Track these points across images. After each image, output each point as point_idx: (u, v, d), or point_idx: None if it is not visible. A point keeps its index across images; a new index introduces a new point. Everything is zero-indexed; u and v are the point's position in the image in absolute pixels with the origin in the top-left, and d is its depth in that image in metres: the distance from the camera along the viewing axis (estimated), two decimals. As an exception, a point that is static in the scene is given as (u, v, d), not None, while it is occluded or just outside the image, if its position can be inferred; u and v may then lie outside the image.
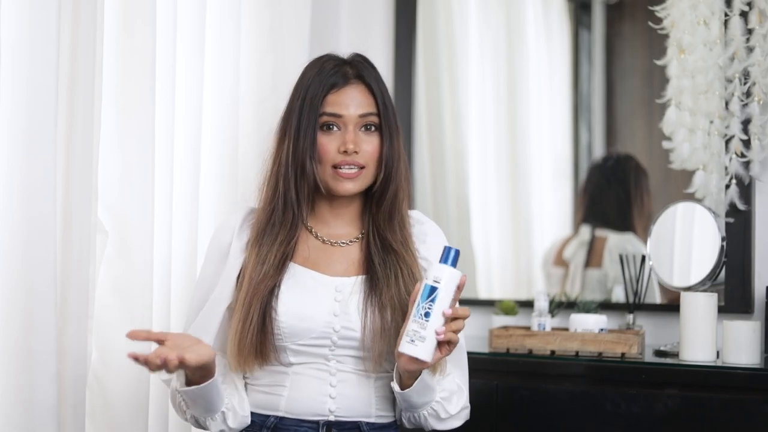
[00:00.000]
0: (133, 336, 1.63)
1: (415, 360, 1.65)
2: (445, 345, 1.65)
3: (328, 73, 1.82)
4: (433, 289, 1.63)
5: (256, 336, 1.74)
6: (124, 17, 2.07)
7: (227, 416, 1.77)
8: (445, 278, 1.64)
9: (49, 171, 1.80)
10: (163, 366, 1.60)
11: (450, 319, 1.64)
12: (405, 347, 1.64)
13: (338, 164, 1.79)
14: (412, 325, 1.64)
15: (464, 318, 1.67)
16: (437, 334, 1.63)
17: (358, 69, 1.84)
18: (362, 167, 1.80)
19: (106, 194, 2.05)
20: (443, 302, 1.63)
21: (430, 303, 1.63)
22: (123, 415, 2.05)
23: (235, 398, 1.80)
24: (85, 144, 1.93)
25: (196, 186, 2.28)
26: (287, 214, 1.81)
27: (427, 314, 1.63)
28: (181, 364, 1.61)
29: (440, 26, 2.96)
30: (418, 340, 1.63)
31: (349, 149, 1.78)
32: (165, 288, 2.17)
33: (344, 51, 1.90)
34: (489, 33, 2.93)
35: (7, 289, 1.78)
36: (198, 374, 1.69)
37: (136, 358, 1.59)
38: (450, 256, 1.65)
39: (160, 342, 1.64)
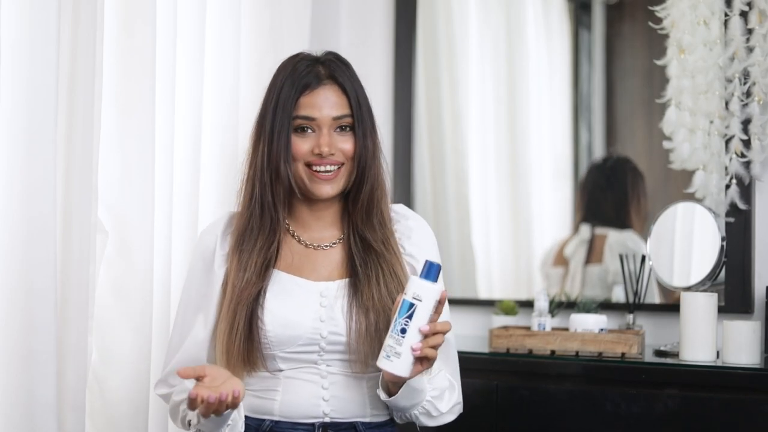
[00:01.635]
0: (184, 375, 1.62)
1: (393, 374, 1.65)
2: (424, 360, 1.64)
3: (300, 74, 1.79)
4: (410, 305, 1.61)
5: (243, 345, 1.74)
6: (124, 17, 2.07)
7: (231, 426, 1.77)
8: (424, 294, 1.61)
9: (49, 171, 1.80)
10: (220, 405, 1.59)
11: (430, 334, 1.63)
12: (382, 362, 1.63)
13: (313, 163, 1.77)
14: (389, 340, 1.63)
15: (444, 333, 1.65)
16: (413, 350, 1.62)
17: (330, 69, 1.81)
18: (341, 165, 1.78)
19: (106, 194, 2.05)
20: (421, 319, 1.61)
21: (407, 319, 1.61)
22: (123, 415, 2.05)
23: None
24: (85, 144, 1.93)
25: (196, 186, 2.28)
26: (265, 219, 1.79)
27: (403, 330, 1.61)
28: (236, 401, 1.61)
29: (440, 26, 2.96)
30: (393, 356, 1.62)
31: (324, 152, 1.76)
32: (165, 288, 2.17)
33: (345, 51, 1.90)
34: (489, 33, 2.93)
35: (7, 289, 1.78)
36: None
37: (195, 398, 1.58)
38: (431, 272, 1.62)
39: (200, 378, 1.62)
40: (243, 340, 1.73)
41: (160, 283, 2.15)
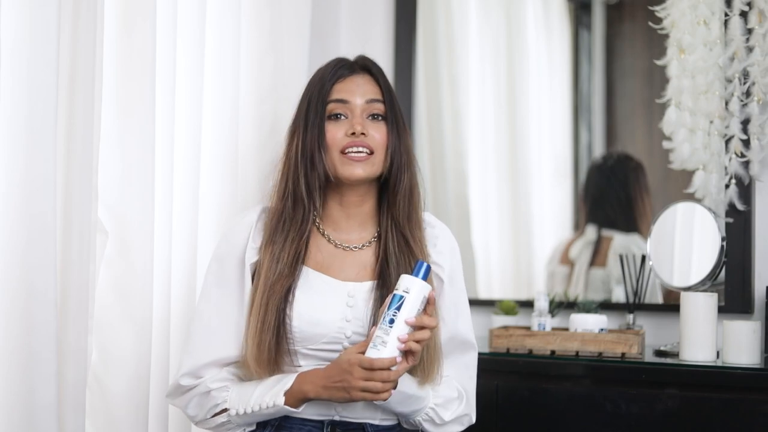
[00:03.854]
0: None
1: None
2: (408, 355, 1.67)
3: (334, 67, 1.85)
4: (399, 298, 1.66)
5: (273, 345, 1.74)
6: (124, 17, 2.07)
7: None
8: (413, 289, 1.67)
9: (49, 171, 1.80)
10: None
11: (416, 330, 1.66)
12: (369, 352, 1.66)
13: (346, 147, 1.79)
14: (377, 331, 1.67)
15: (430, 328, 1.67)
16: (399, 340, 1.64)
17: (364, 63, 1.87)
18: (371, 152, 1.80)
19: (106, 194, 2.05)
20: (409, 312, 1.66)
21: (396, 311, 1.66)
22: (123, 415, 2.05)
23: None
24: (85, 144, 1.93)
25: (196, 186, 2.28)
26: (297, 210, 1.81)
27: (391, 321, 1.66)
28: None
29: (440, 26, 2.96)
30: (380, 345, 1.65)
31: (357, 131, 1.78)
32: (165, 288, 2.17)
33: (345, 51, 1.91)
34: (489, 33, 2.93)
35: (7, 289, 1.78)
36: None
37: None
38: (421, 270, 1.69)
39: None
40: (273, 338, 1.74)
41: (160, 283, 2.15)
